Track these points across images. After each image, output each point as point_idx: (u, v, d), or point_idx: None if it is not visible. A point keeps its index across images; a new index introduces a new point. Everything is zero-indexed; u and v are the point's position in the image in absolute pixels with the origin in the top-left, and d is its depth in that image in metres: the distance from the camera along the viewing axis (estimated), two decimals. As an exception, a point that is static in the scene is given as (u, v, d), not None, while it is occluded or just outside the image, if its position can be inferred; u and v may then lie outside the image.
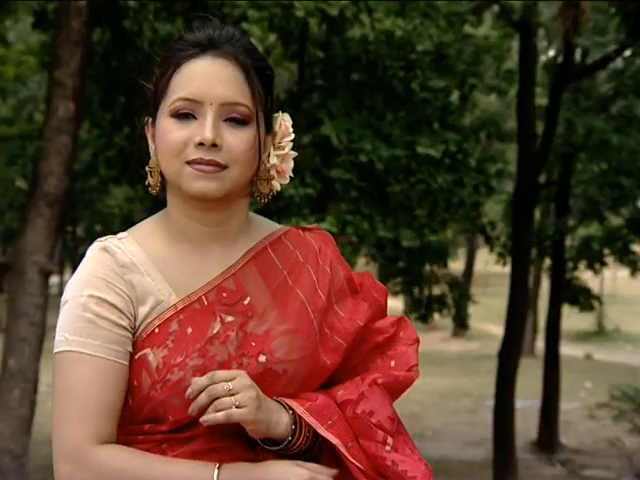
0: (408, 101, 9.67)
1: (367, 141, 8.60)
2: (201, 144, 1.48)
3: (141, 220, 1.65)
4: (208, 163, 1.49)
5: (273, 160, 1.59)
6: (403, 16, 9.47)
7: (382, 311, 1.67)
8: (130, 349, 1.50)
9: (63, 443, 1.47)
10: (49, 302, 7.05)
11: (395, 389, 1.61)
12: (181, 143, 1.50)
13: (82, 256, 1.57)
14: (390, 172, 9.09)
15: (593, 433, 14.37)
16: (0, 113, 14.30)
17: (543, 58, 14.52)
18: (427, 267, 11.07)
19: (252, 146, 1.52)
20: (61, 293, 1.56)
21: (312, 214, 8.49)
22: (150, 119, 1.58)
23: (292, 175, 1.63)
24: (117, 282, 1.51)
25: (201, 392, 1.44)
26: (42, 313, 6.82)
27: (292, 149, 1.62)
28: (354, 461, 1.51)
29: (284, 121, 1.61)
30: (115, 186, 11.72)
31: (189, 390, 1.45)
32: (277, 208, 8.75)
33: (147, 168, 1.59)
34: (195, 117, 1.51)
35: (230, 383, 1.44)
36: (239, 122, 1.51)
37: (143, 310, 1.51)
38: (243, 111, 1.51)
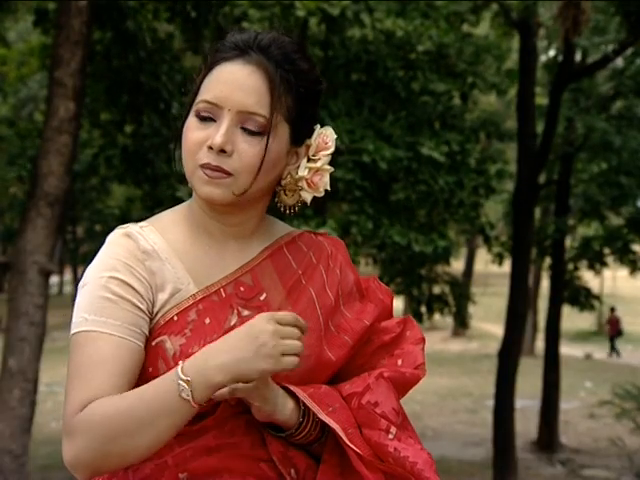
0: (409, 101, 9.68)
1: (369, 141, 8.60)
2: (211, 148, 1.51)
3: (142, 218, 1.66)
4: (214, 169, 1.51)
5: (303, 172, 1.59)
6: (403, 16, 9.47)
7: (388, 312, 1.69)
8: (146, 332, 1.51)
9: (64, 417, 1.46)
10: (49, 302, 7.05)
11: (401, 385, 1.62)
12: (197, 144, 1.52)
13: (82, 256, 1.58)
14: (392, 173, 9.10)
15: (593, 433, 14.38)
16: (0, 113, 14.31)
17: (543, 58, 14.52)
18: (427, 267, 11.08)
19: (263, 157, 1.52)
20: (61, 293, 1.56)
21: (315, 216, 8.49)
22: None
23: (328, 189, 1.62)
24: (138, 267, 1.52)
25: None
26: (42, 313, 6.82)
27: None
28: (352, 446, 1.51)
29: (323, 135, 1.61)
30: (116, 185, 11.72)
31: None
32: (278, 210, 8.72)
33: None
34: (215, 120, 1.52)
35: None
36: (254, 131, 1.52)
37: (162, 297, 1.52)
38: (259, 121, 1.51)
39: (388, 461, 1.54)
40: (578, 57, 12.73)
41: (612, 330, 24.79)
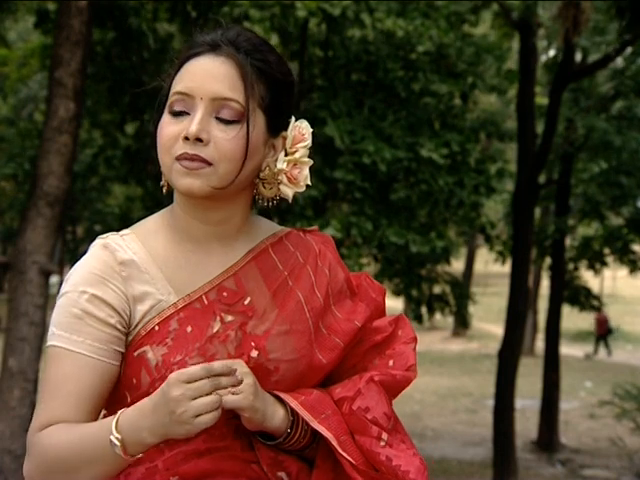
0: (409, 101, 9.68)
1: (369, 142, 8.60)
2: (187, 139, 1.48)
3: (141, 218, 1.65)
4: (192, 158, 1.48)
5: (281, 165, 1.57)
6: (404, 16, 9.47)
7: (380, 310, 1.67)
8: (118, 348, 1.50)
9: (29, 431, 1.50)
10: (49, 302, 7.05)
11: (393, 388, 1.60)
12: (172, 138, 1.50)
13: (82, 256, 1.58)
14: (392, 173, 9.10)
15: (593, 433, 14.38)
16: (0, 113, 14.31)
17: (543, 58, 14.52)
18: (428, 267, 11.08)
19: (243, 147, 1.50)
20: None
21: (316, 217, 8.49)
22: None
23: (309, 183, 1.61)
24: (113, 279, 1.50)
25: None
26: (42, 313, 6.82)
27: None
28: (345, 455, 1.50)
29: (298, 127, 1.59)
30: (116, 185, 11.72)
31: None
32: (279, 210, 8.74)
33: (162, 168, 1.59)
34: (188, 114, 1.50)
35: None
36: (229, 119, 1.49)
37: (142, 308, 1.51)
38: (234, 106, 1.49)
39: (381, 470, 1.52)
40: (578, 57, 12.72)
41: (600, 329, 24.70)
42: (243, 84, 1.50)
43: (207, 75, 1.50)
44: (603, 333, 24.75)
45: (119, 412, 1.41)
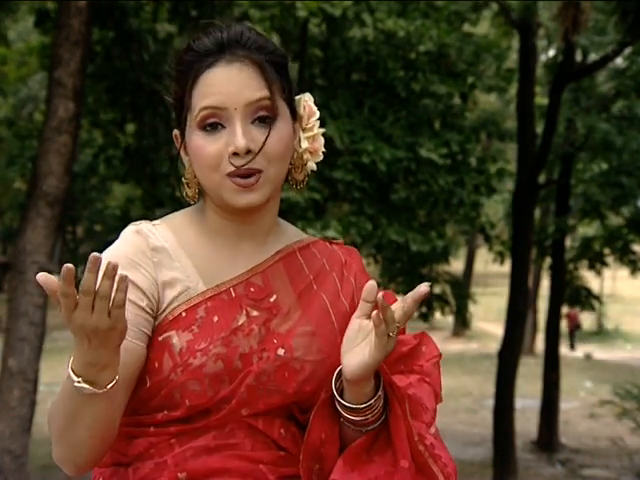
0: (408, 101, 9.68)
1: (369, 142, 8.61)
2: (235, 153, 1.49)
3: (141, 218, 1.66)
4: (247, 174, 1.50)
5: (304, 144, 1.60)
6: (404, 17, 9.47)
7: (402, 327, 1.67)
8: (146, 331, 1.51)
9: None
10: (49, 302, 7.05)
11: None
12: (216, 157, 1.50)
13: (82, 256, 1.58)
14: (392, 173, 9.10)
15: (593, 433, 14.39)
16: (0, 113, 14.32)
17: (543, 57, 14.52)
18: (428, 266, 11.09)
19: (287, 142, 1.54)
20: None
21: (317, 218, 8.49)
22: (177, 132, 1.59)
23: (324, 151, 1.64)
24: (144, 264, 1.52)
25: None
26: (42, 313, 6.83)
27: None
28: (412, 422, 1.51)
29: (307, 102, 1.62)
30: (116, 185, 11.72)
31: None
32: (280, 211, 8.73)
33: (183, 179, 1.60)
34: (224, 126, 1.51)
35: None
36: (267, 120, 1.51)
37: (170, 294, 1.52)
38: (267, 105, 1.51)
39: (425, 453, 1.53)
40: (578, 57, 12.72)
41: (571, 324, 25.17)
42: (266, 82, 1.52)
43: (231, 84, 1.50)
44: (572, 328, 25.27)
45: (70, 359, 1.41)
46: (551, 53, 14.66)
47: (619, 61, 12.36)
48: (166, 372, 1.49)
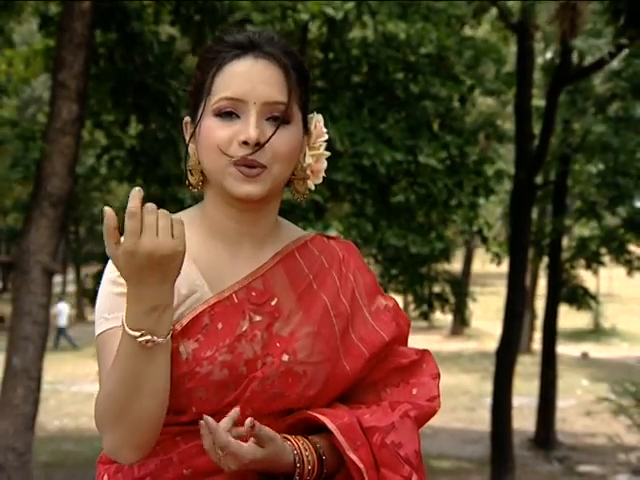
0: (408, 103, 9.71)
1: (369, 144, 8.64)
2: (245, 143, 1.51)
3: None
4: (252, 165, 1.51)
5: (308, 160, 1.63)
6: (405, 19, 9.50)
7: (404, 338, 1.70)
8: None
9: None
10: (52, 301, 7.11)
11: (422, 421, 1.63)
12: (226, 141, 1.52)
13: (84, 256, 1.61)
14: (391, 175, 9.14)
15: (589, 430, 14.46)
16: (3, 114, 14.34)
17: (540, 60, 14.57)
18: (427, 266, 11.14)
19: (295, 146, 1.56)
20: (64, 292, 1.59)
21: (317, 219, 8.53)
22: (188, 119, 1.60)
23: (325, 175, 1.67)
24: None
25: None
26: (45, 312, 6.89)
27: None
28: None
29: (318, 122, 1.65)
30: (119, 185, 11.71)
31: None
32: (280, 212, 8.78)
33: (188, 167, 1.60)
34: (238, 116, 1.52)
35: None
36: (281, 121, 1.53)
37: (176, 301, 1.50)
38: (283, 110, 1.53)
39: None
40: (575, 59, 12.78)
41: None
42: (288, 87, 1.54)
43: (255, 79, 1.52)
44: None
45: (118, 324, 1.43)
46: (548, 55, 14.71)
47: (615, 63, 12.40)
48: (173, 380, 1.48)
